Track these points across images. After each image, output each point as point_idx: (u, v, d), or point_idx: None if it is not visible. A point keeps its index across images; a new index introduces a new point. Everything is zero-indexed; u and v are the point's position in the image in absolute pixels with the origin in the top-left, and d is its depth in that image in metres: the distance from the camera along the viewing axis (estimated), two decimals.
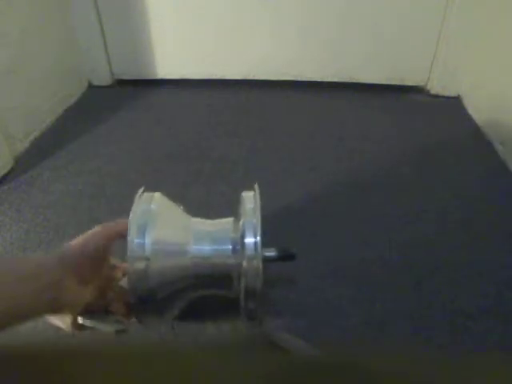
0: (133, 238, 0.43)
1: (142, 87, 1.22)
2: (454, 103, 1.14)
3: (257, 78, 1.21)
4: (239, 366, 0.16)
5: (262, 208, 0.47)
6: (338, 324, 0.56)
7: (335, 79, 1.19)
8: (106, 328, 0.47)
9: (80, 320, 0.46)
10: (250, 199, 0.49)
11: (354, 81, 1.19)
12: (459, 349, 0.52)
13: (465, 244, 0.68)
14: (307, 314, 0.57)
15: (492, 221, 0.73)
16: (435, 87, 1.16)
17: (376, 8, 1.08)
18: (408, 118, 1.08)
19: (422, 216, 0.74)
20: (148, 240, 0.43)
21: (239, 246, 0.45)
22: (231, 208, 0.53)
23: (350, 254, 0.66)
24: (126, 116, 1.09)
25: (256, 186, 0.50)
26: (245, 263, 0.43)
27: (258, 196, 0.48)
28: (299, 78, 1.20)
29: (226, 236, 0.47)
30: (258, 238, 0.44)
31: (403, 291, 0.60)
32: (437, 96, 1.16)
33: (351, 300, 0.59)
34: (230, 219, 0.50)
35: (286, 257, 0.52)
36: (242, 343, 0.50)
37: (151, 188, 0.49)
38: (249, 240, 0.44)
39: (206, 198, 0.79)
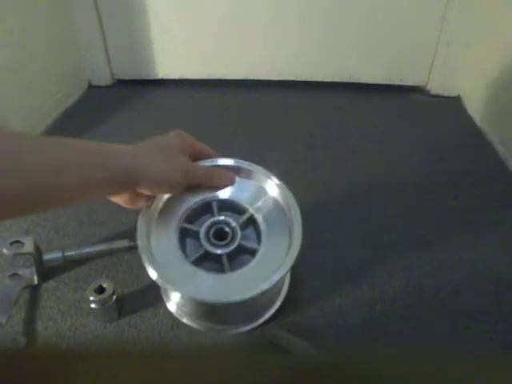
0: None
1: (142, 87, 1.22)
2: (454, 103, 1.14)
3: (257, 78, 1.21)
4: (240, 368, 0.16)
5: None
6: (337, 324, 0.55)
7: (335, 79, 1.19)
8: None
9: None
10: None
11: (354, 81, 1.19)
12: (459, 349, 0.52)
13: (465, 244, 0.68)
14: (307, 314, 0.57)
15: (492, 221, 0.73)
16: (435, 87, 1.16)
17: (376, 8, 1.08)
18: (408, 118, 1.08)
19: (422, 216, 0.74)
20: None
21: None
22: None
23: (350, 254, 0.66)
24: (125, 116, 1.09)
25: None
26: None
27: None
28: (299, 78, 1.20)
29: None
30: None
31: (403, 291, 0.60)
32: (437, 96, 1.16)
33: (351, 300, 0.59)
34: None
35: (136, 246, 0.59)
36: (243, 344, 0.50)
37: None
38: None
39: None
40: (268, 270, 0.44)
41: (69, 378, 0.16)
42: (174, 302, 0.55)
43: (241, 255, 0.48)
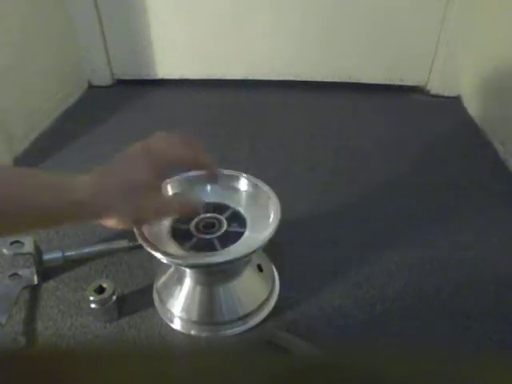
0: None
1: (142, 87, 1.22)
2: (454, 103, 1.14)
3: (257, 78, 1.21)
4: (240, 368, 0.16)
5: None
6: (337, 324, 0.55)
7: (335, 79, 1.19)
8: None
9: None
10: None
11: (354, 81, 1.19)
12: (459, 349, 0.52)
13: (465, 244, 0.68)
14: (307, 314, 0.57)
15: (492, 221, 0.73)
16: (435, 87, 1.16)
17: (376, 8, 1.08)
18: (408, 118, 1.08)
19: (422, 216, 0.74)
20: None
21: None
22: None
23: (349, 253, 0.66)
24: (126, 116, 1.09)
25: None
26: None
27: None
28: (299, 78, 1.20)
29: None
30: None
31: (403, 291, 0.60)
32: (437, 96, 1.16)
33: (351, 300, 0.59)
34: None
35: (136, 247, 0.63)
36: (243, 345, 0.50)
37: None
38: None
39: None
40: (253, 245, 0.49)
41: (69, 378, 0.16)
42: (177, 316, 0.55)
43: (230, 242, 0.51)
